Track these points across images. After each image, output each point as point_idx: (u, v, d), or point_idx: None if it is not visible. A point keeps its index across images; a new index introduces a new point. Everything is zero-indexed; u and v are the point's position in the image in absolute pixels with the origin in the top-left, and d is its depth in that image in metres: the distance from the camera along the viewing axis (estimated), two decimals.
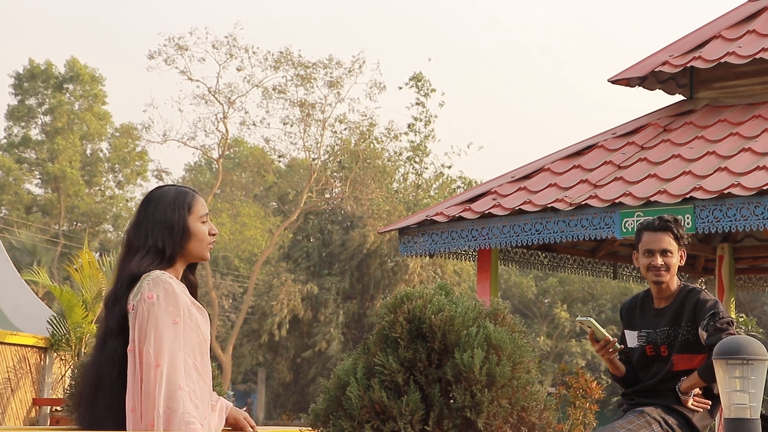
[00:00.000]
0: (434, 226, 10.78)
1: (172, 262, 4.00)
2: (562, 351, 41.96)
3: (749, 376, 4.34)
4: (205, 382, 3.94)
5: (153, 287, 3.88)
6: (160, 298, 3.86)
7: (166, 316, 3.84)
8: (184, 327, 3.88)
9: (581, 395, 12.30)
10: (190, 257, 4.05)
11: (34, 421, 14.98)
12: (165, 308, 3.85)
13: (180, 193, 4.04)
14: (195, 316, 3.95)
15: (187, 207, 4.00)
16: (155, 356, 3.79)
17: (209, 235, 4.05)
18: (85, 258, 15.32)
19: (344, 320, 37.52)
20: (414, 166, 41.18)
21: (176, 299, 3.88)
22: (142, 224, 4.00)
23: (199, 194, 4.11)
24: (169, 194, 4.03)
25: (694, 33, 11.32)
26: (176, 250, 3.98)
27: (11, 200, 46.32)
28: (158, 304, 3.85)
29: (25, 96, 47.59)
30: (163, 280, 3.89)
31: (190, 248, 4.01)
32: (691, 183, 9.53)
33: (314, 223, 39.06)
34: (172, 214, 3.98)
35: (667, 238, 5.46)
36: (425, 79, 40.52)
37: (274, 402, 41.67)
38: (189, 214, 4.00)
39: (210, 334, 4.10)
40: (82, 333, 14.82)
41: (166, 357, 3.80)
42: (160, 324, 3.83)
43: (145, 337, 3.83)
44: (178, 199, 4.01)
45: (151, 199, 4.03)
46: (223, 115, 37.78)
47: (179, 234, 3.97)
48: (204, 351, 3.97)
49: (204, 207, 4.06)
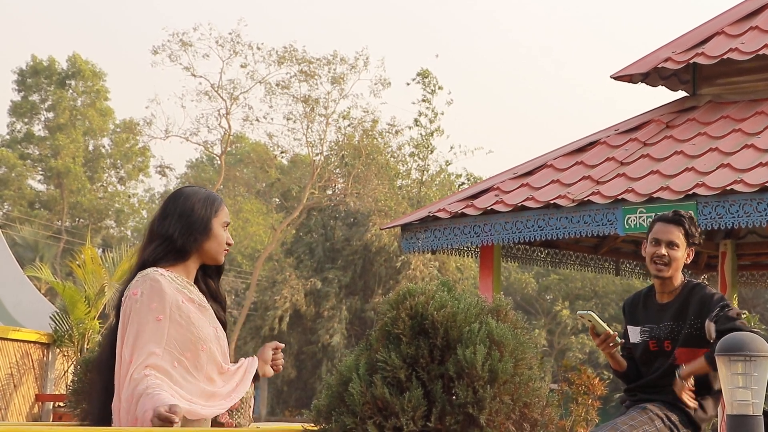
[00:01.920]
0: (437, 223, 10.79)
1: (185, 256, 4.04)
2: (564, 348, 41.97)
3: (752, 372, 4.34)
4: (196, 379, 3.90)
5: (140, 283, 3.91)
6: (144, 294, 3.88)
7: (147, 313, 3.85)
8: (170, 324, 3.88)
9: (584, 392, 12.31)
10: (206, 257, 4.10)
11: (36, 417, 15.00)
12: (148, 305, 3.87)
13: (211, 195, 4.17)
14: (188, 313, 3.94)
15: (215, 208, 4.11)
16: (130, 354, 3.81)
17: (226, 243, 4.13)
18: (88, 254, 15.35)
19: (347, 316, 37.55)
20: (417, 163, 41.17)
21: (162, 296, 3.88)
22: (168, 216, 4.07)
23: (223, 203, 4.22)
24: (200, 193, 4.15)
25: (697, 29, 11.32)
26: (192, 244, 4.04)
27: (14, 196, 46.34)
28: (141, 300, 3.87)
29: (28, 92, 47.62)
30: (151, 277, 3.92)
31: (207, 247, 4.08)
32: (693, 179, 9.53)
33: (317, 220, 39.08)
34: (200, 210, 4.08)
35: (676, 231, 5.45)
36: (432, 76, 40.47)
37: (277, 398, 41.71)
38: (215, 216, 4.10)
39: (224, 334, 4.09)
40: (85, 329, 14.85)
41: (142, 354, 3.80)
42: (140, 320, 3.85)
43: (125, 333, 3.85)
44: (209, 199, 4.13)
45: (181, 194, 4.13)
46: (226, 111, 37.81)
47: (200, 230, 4.05)
48: (199, 349, 3.94)
49: (227, 215, 4.18)
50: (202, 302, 4.05)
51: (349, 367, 3.66)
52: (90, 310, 14.86)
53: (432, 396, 3.53)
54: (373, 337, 3.74)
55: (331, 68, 37.75)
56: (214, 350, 3.98)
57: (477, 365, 3.50)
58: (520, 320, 3.83)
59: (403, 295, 3.73)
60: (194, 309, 3.96)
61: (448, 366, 3.55)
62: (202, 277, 4.16)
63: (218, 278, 4.23)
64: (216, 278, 4.21)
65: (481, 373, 3.51)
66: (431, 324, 3.62)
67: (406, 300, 3.71)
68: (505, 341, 3.61)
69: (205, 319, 4.00)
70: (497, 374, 3.53)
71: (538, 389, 3.65)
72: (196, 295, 4.04)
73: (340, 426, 3.56)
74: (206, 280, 4.16)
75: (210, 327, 4.01)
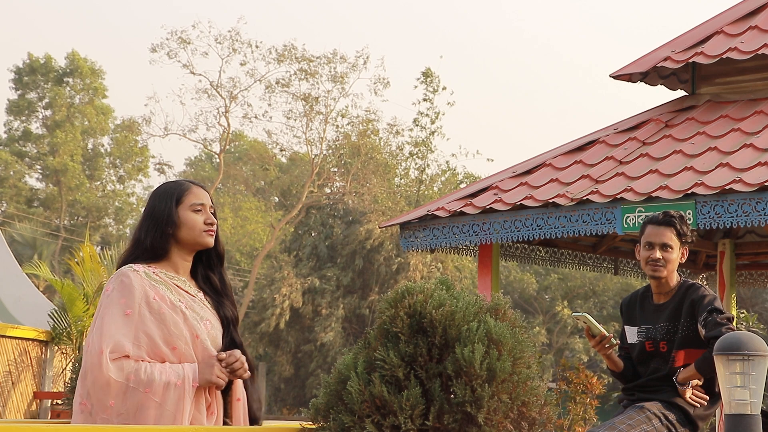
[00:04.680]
0: (435, 221, 10.79)
1: (161, 254, 4.01)
2: (563, 347, 41.98)
3: (750, 372, 4.34)
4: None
5: (113, 280, 3.94)
6: (115, 290, 3.90)
7: (116, 308, 3.86)
8: (140, 318, 3.87)
9: (582, 391, 12.32)
10: (189, 246, 4.06)
11: (34, 415, 14.99)
12: (117, 300, 3.88)
13: (172, 186, 4.10)
14: (159, 310, 3.91)
15: (175, 198, 4.04)
16: (99, 342, 3.80)
17: (205, 224, 4.05)
18: (86, 251, 15.35)
19: (345, 314, 37.55)
20: (417, 162, 41.16)
21: (131, 291, 3.89)
22: (140, 220, 4.10)
23: (197, 185, 4.12)
24: (162, 188, 4.11)
25: (696, 29, 11.32)
26: (162, 241, 4.01)
27: (12, 194, 46.32)
28: (111, 296, 3.89)
29: (25, 90, 47.58)
30: (122, 273, 3.94)
31: (183, 237, 4.03)
32: (692, 179, 9.53)
33: (316, 218, 39.07)
34: (158, 206, 4.04)
35: (668, 233, 5.45)
36: (434, 75, 40.44)
37: (275, 397, 41.71)
38: (177, 205, 4.03)
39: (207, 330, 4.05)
40: (83, 326, 14.84)
41: (110, 344, 3.80)
42: (108, 313, 3.86)
43: (92, 328, 3.87)
44: (167, 192, 4.07)
45: (150, 196, 4.12)
46: (225, 109, 37.80)
47: (164, 224, 4.01)
48: (171, 344, 3.89)
49: (197, 197, 4.07)
50: (191, 298, 4.00)
51: (347, 366, 3.66)
52: (88, 308, 14.85)
53: (430, 394, 3.53)
54: (371, 336, 3.74)
55: (331, 67, 37.76)
56: (184, 351, 3.93)
57: (475, 364, 3.50)
58: (518, 319, 3.83)
59: (402, 294, 3.73)
60: (167, 307, 3.93)
61: (446, 364, 3.55)
62: (203, 270, 4.12)
63: (221, 265, 4.16)
64: (217, 268, 4.15)
65: (479, 371, 3.51)
66: (430, 322, 3.62)
67: (404, 298, 3.71)
68: (504, 340, 3.61)
69: (180, 317, 3.95)
70: (495, 373, 3.53)
71: (537, 388, 3.65)
72: (188, 288, 4.02)
73: (339, 424, 3.56)
74: (207, 273, 4.11)
75: (185, 326, 3.94)
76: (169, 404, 3.80)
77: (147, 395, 3.78)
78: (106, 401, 3.76)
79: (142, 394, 3.77)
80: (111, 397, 3.76)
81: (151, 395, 3.78)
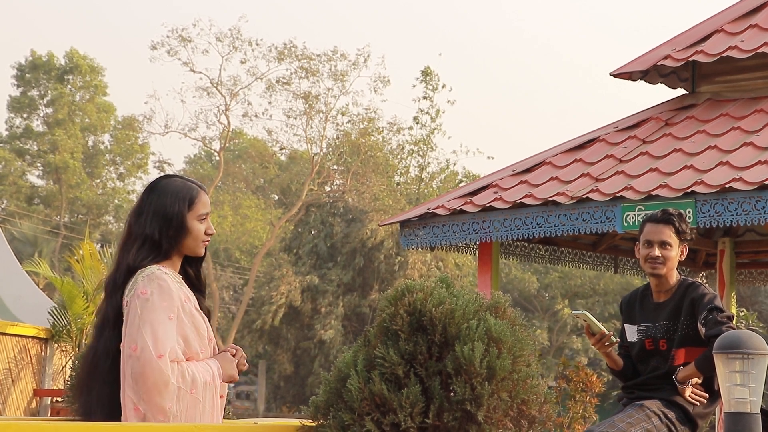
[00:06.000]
0: (435, 219, 10.79)
1: (169, 255, 3.97)
2: (562, 345, 41.98)
3: (749, 370, 4.34)
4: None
5: (147, 283, 3.85)
6: (155, 294, 3.83)
7: (161, 312, 3.82)
8: (178, 322, 3.87)
9: (581, 389, 12.32)
10: (186, 251, 4.03)
11: (34, 412, 14.99)
12: (159, 304, 3.83)
13: (183, 187, 3.99)
14: (191, 311, 3.93)
15: (188, 202, 3.96)
16: (155, 347, 3.76)
17: (205, 234, 4.01)
18: (86, 249, 15.34)
19: (344, 312, 37.56)
20: (417, 160, 41.16)
21: (170, 295, 3.85)
22: (142, 213, 3.96)
23: (204, 191, 4.05)
24: (172, 186, 3.99)
25: (696, 27, 11.32)
26: (171, 244, 3.95)
27: (12, 191, 46.31)
28: (152, 300, 3.82)
29: (27, 87, 47.56)
30: (157, 276, 3.87)
31: (185, 244, 3.99)
32: (692, 177, 9.53)
33: (316, 216, 39.07)
34: (171, 207, 3.94)
35: (667, 230, 5.45)
36: (434, 74, 40.43)
37: (275, 394, 41.72)
38: (188, 211, 3.96)
39: (212, 330, 4.09)
40: (83, 324, 14.83)
41: (167, 349, 3.79)
42: (156, 319, 3.80)
43: (139, 332, 3.78)
44: (181, 193, 3.96)
45: (154, 188, 4.00)
46: (225, 107, 37.79)
47: (175, 229, 3.94)
48: (202, 344, 3.95)
49: (205, 206, 4.01)
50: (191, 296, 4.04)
51: (347, 364, 3.67)
52: (88, 306, 14.83)
53: (430, 392, 3.53)
54: (371, 334, 3.74)
55: (331, 64, 37.75)
56: (207, 350, 3.99)
57: (475, 362, 3.51)
58: (518, 317, 3.83)
59: (402, 292, 3.73)
60: (193, 308, 3.96)
61: (446, 362, 3.55)
62: (182, 266, 4.08)
63: (199, 264, 4.12)
64: (196, 266, 4.11)
65: (479, 369, 3.51)
66: (429, 320, 3.62)
67: (404, 296, 3.71)
68: (504, 338, 3.62)
69: (200, 317, 3.99)
70: (495, 371, 3.53)
71: (536, 386, 3.65)
72: (187, 289, 4.04)
73: (338, 422, 3.56)
74: (185, 269, 4.07)
75: (205, 325, 4.01)
76: (207, 402, 3.83)
77: (193, 396, 3.80)
78: (165, 405, 3.74)
79: (189, 395, 3.79)
80: (168, 400, 3.75)
81: (196, 395, 3.80)
